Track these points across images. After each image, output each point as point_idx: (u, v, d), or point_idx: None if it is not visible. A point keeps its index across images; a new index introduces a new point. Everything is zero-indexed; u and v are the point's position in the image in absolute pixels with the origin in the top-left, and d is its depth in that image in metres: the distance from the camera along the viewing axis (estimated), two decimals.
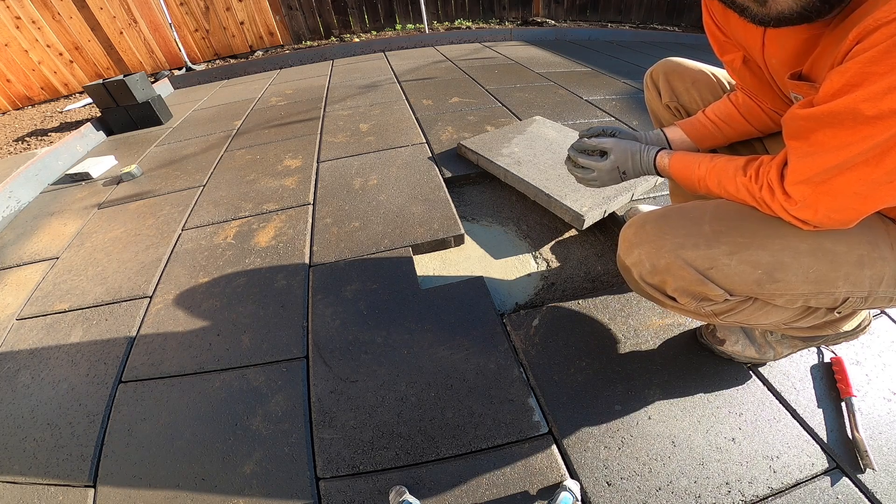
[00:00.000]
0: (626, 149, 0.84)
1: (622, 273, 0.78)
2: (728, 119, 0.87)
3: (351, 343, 1.05)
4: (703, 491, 0.73)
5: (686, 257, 0.63)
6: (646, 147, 0.84)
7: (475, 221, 1.57)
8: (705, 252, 0.62)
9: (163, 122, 2.92)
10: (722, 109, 0.87)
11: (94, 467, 0.87)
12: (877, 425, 0.79)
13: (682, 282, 0.66)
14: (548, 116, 2.16)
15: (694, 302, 0.68)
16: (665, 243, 0.65)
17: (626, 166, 0.85)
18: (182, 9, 4.17)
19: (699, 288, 0.65)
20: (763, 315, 0.70)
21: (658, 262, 0.66)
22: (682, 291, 0.67)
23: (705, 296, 0.66)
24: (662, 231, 0.66)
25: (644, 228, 0.69)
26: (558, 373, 0.93)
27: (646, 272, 0.69)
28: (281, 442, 0.87)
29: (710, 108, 0.90)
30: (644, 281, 0.71)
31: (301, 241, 1.43)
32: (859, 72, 0.42)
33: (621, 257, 0.74)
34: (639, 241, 0.69)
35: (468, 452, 0.81)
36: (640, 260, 0.69)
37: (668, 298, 0.71)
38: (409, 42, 4.43)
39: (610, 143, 0.86)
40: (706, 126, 0.90)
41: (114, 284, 1.37)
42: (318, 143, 2.21)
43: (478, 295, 1.14)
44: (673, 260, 0.64)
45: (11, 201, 1.95)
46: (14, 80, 3.76)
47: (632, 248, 0.71)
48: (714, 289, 0.64)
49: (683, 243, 0.63)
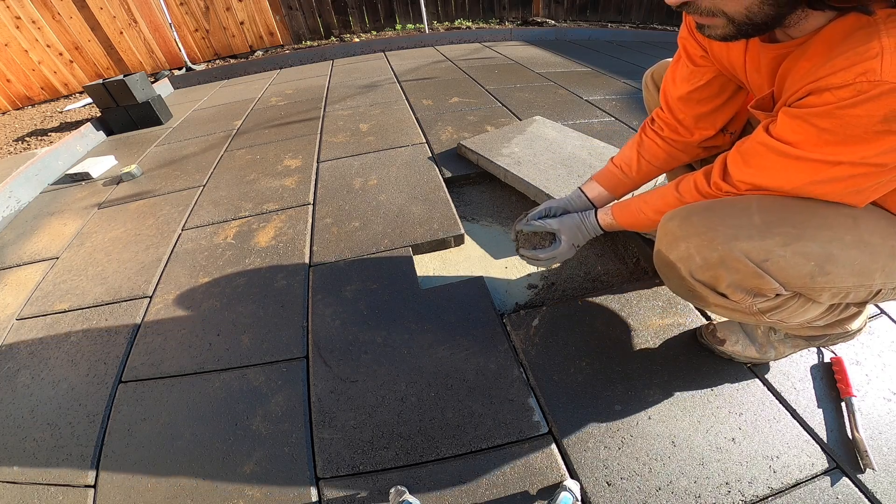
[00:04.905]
0: (572, 225, 0.93)
1: (661, 270, 0.73)
2: (628, 163, 0.96)
3: (351, 343, 1.05)
4: (703, 491, 0.73)
5: (742, 249, 0.59)
6: (584, 214, 0.94)
7: (475, 221, 1.57)
8: (759, 243, 0.59)
9: (163, 122, 2.92)
10: (626, 155, 0.97)
11: (95, 467, 0.87)
12: (877, 425, 0.79)
13: (738, 275, 0.62)
14: (548, 116, 2.16)
15: (749, 298, 0.65)
16: (717, 235, 0.61)
17: (577, 240, 0.94)
18: (182, 9, 4.17)
19: (755, 282, 0.61)
20: (801, 313, 0.68)
21: (710, 256, 0.62)
22: (736, 287, 0.63)
23: (760, 290, 0.63)
24: (712, 222, 0.62)
25: (690, 220, 0.64)
26: (558, 373, 0.93)
27: (696, 267, 0.65)
28: (281, 442, 0.87)
29: (617, 157, 0.99)
30: (694, 277, 0.66)
31: (301, 241, 1.43)
32: (804, 123, 0.53)
33: (663, 252, 0.69)
34: (686, 234, 0.64)
35: (468, 452, 0.81)
36: (690, 254, 0.64)
37: (718, 296, 0.67)
38: (409, 42, 4.43)
39: (556, 224, 0.94)
40: (615, 174, 0.98)
41: (114, 284, 1.37)
42: (318, 143, 2.21)
43: (478, 295, 1.14)
44: (728, 252, 0.60)
45: (11, 201, 1.95)
46: (14, 80, 3.76)
47: (677, 241, 0.66)
48: (770, 282, 0.61)
49: (737, 234, 0.59)
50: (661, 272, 0.74)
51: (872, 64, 0.45)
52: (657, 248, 0.71)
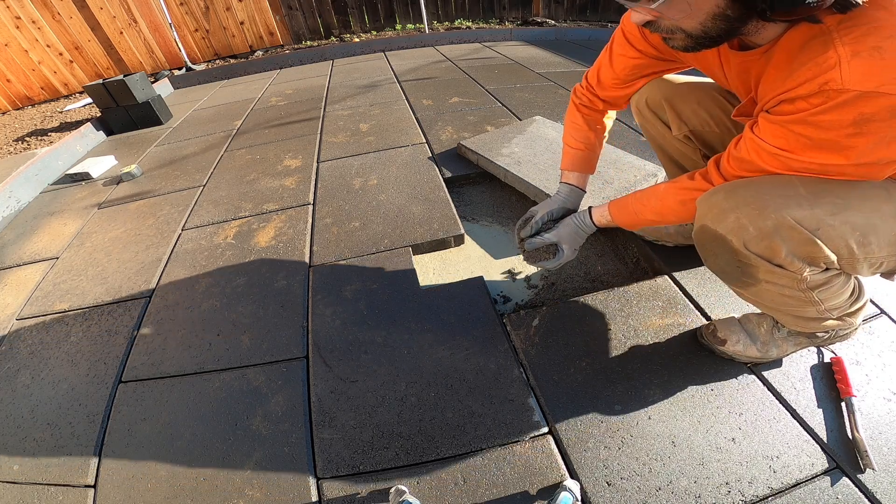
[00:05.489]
0: (570, 232, 0.97)
1: (708, 246, 0.72)
2: (586, 139, 1.01)
3: (351, 343, 1.05)
4: (703, 491, 0.73)
5: (795, 216, 0.60)
6: (580, 216, 0.97)
7: (475, 221, 1.57)
8: (810, 212, 0.59)
9: (163, 122, 2.92)
10: (581, 134, 1.01)
11: (95, 467, 0.87)
12: (877, 425, 0.79)
13: (793, 243, 0.62)
14: (548, 116, 2.16)
15: (806, 267, 0.64)
16: (768, 203, 0.61)
17: (578, 243, 0.99)
18: (182, 9, 4.17)
19: (810, 249, 0.61)
20: (839, 293, 0.69)
21: (765, 224, 0.62)
22: (794, 255, 0.63)
23: (814, 259, 0.63)
24: (760, 193, 0.62)
25: (737, 192, 0.64)
26: (558, 373, 0.93)
27: (750, 238, 0.64)
28: (281, 442, 0.87)
29: (569, 139, 1.03)
30: (748, 249, 0.65)
31: (301, 241, 1.43)
32: (782, 128, 0.57)
33: (710, 226, 0.68)
34: (735, 205, 0.63)
35: (468, 452, 0.81)
36: (742, 225, 0.63)
37: (773, 269, 0.66)
38: (409, 42, 4.43)
39: (555, 237, 0.98)
40: (584, 155, 1.02)
41: (114, 284, 1.37)
42: (318, 143, 2.21)
43: (478, 295, 1.14)
44: (782, 219, 0.60)
45: (11, 201, 1.95)
46: (14, 80, 3.76)
47: (725, 213, 0.65)
48: (823, 249, 0.61)
49: (787, 203, 0.60)
50: (707, 248, 0.73)
51: (832, 74, 0.49)
52: (700, 224, 0.70)
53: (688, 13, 0.55)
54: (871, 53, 0.47)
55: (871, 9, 0.49)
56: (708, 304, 1.05)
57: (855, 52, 0.48)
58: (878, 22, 0.48)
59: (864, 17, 0.49)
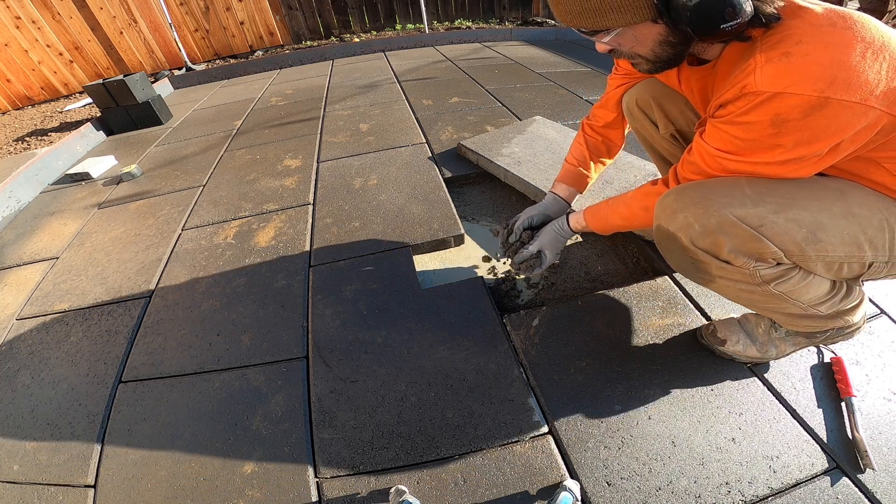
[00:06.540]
0: (551, 239, 1.03)
1: (662, 245, 0.76)
2: (583, 160, 1.09)
3: (351, 343, 1.05)
4: (703, 491, 0.73)
5: (737, 214, 0.63)
6: (558, 221, 1.03)
7: (475, 221, 1.57)
8: (753, 210, 0.63)
9: (163, 122, 2.92)
10: (579, 153, 1.10)
11: (95, 467, 0.87)
12: (877, 425, 0.79)
13: (737, 240, 0.65)
14: (548, 116, 2.16)
15: (751, 262, 0.67)
16: (712, 203, 0.65)
17: (558, 248, 1.05)
18: (182, 9, 4.17)
19: (755, 245, 0.65)
20: (805, 288, 0.71)
21: (708, 222, 0.65)
22: (737, 252, 0.66)
23: (760, 255, 0.66)
24: (706, 193, 0.66)
25: (685, 194, 0.69)
26: (558, 373, 0.93)
27: (696, 235, 0.68)
28: (281, 442, 0.87)
29: (570, 156, 1.12)
30: (695, 245, 0.69)
31: (301, 241, 1.43)
32: (718, 130, 0.63)
33: (663, 226, 0.73)
34: (683, 206, 0.68)
35: (468, 452, 0.81)
36: (689, 223, 0.68)
37: (721, 265, 0.69)
38: (409, 42, 4.43)
39: (537, 247, 1.03)
40: (577, 172, 1.10)
41: (114, 284, 1.37)
42: (318, 143, 2.21)
43: (478, 295, 1.14)
44: (724, 217, 0.64)
45: (11, 201, 1.95)
46: (14, 80, 3.76)
47: (675, 213, 0.69)
48: (769, 245, 0.64)
49: (730, 202, 0.64)
50: (663, 246, 0.77)
51: (750, 79, 0.56)
52: (657, 224, 0.75)
53: (637, 42, 0.64)
54: (781, 58, 0.54)
55: (788, 18, 0.56)
56: (708, 304, 1.05)
57: (768, 58, 0.55)
58: (791, 30, 0.55)
59: (781, 27, 0.56)
